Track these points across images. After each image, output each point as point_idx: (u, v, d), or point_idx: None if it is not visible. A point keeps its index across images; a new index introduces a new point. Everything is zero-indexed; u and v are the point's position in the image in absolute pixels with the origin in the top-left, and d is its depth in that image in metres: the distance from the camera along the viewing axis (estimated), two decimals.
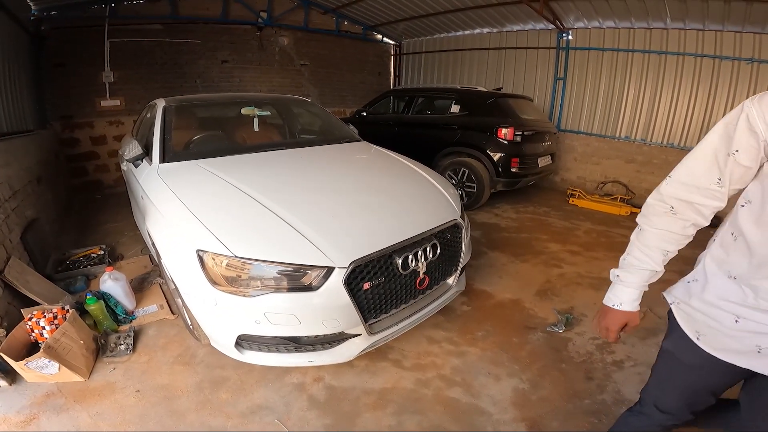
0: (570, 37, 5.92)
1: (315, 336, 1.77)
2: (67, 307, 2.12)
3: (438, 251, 2.00)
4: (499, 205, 5.13)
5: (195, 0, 5.91)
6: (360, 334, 1.82)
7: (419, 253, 1.90)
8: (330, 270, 1.66)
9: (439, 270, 2.11)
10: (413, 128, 5.36)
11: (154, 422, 1.71)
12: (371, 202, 2.15)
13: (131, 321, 2.38)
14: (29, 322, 1.99)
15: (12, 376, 1.90)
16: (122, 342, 2.17)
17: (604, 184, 5.81)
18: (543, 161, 5.04)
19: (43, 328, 1.98)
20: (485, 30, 6.95)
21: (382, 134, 5.02)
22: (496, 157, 4.55)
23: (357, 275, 1.71)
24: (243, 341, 1.76)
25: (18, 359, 1.81)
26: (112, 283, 2.38)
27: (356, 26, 7.94)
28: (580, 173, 6.18)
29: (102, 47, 5.22)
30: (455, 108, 4.96)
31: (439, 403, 1.86)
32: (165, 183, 2.16)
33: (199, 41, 6.06)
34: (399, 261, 1.81)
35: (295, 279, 1.66)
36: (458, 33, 7.39)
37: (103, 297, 2.33)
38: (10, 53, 3.64)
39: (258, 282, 1.65)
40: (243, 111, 3.29)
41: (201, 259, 1.67)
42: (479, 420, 1.78)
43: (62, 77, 5.05)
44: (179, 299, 2.03)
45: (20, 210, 2.84)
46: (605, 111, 5.83)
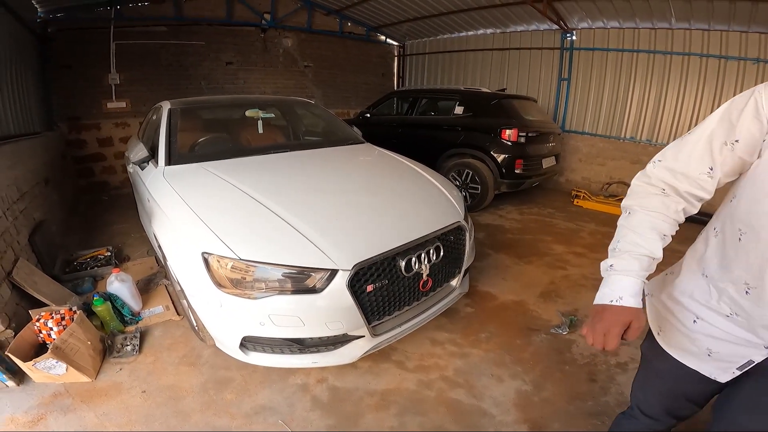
0: (574, 38, 5.90)
1: (319, 338, 1.78)
2: (75, 308, 2.14)
3: (441, 253, 2.00)
4: (503, 207, 5.12)
5: (199, 2, 5.95)
6: (363, 336, 1.83)
7: (422, 256, 1.91)
8: (334, 272, 1.67)
9: (443, 272, 2.11)
10: (417, 130, 5.36)
11: (160, 422, 1.73)
12: (375, 205, 2.17)
13: (137, 322, 2.40)
14: (37, 323, 2.01)
15: (20, 377, 1.92)
16: (128, 343, 2.19)
17: (609, 185, 5.78)
18: (547, 162, 5.03)
19: (51, 329, 1.99)
20: (489, 31, 6.94)
21: (386, 136, 5.03)
22: (500, 159, 4.54)
23: (360, 277, 1.72)
24: (247, 342, 1.77)
25: (26, 360, 1.82)
26: (119, 285, 2.40)
27: (359, 27, 7.95)
28: (585, 174, 6.16)
29: (108, 49, 5.26)
30: (459, 109, 4.95)
31: (442, 405, 1.87)
32: (171, 185, 2.18)
33: (204, 43, 6.10)
34: (402, 263, 1.82)
35: (299, 281, 1.67)
36: (462, 34, 7.38)
37: (110, 298, 2.35)
38: (17, 55, 3.68)
39: (262, 284, 1.66)
40: (247, 113, 3.31)
41: (206, 262, 1.69)
42: (481, 421, 1.78)
43: (69, 79, 5.09)
44: (185, 301, 2.05)
45: (28, 212, 2.87)
46: (610, 111, 5.80)
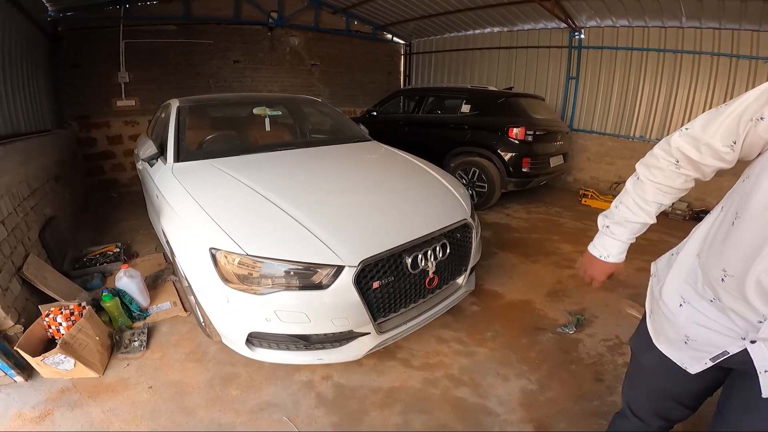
0: (582, 36, 5.85)
1: (324, 334, 1.78)
2: (84, 304, 2.16)
3: (447, 251, 1.99)
4: (510, 205, 5.09)
5: (207, 0, 5.98)
6: (369, 333, 1.83)
7: (429, 253, 1.90)
8: (340, 269, 1.67)
9: (449, 270, 2.10)
10: (423, 128, 5.35)
11: (165, 418, 1.74)
12: (381, 202, 2.16)
13: (145, 318, 2.42)
14: (46, 318, 2.03)
15: (28, 372, 1.94)
16: (136, 339, 2.21)
17: (618, 184, 5.72)
18: (555, 161, 4.99)
19: (60, 325, 2.01)
20: (496, 29, 6.90)
21: (392, 134, 5.02)
22: (507, 157, 4.51)
23: (367, 274, 1.72)
24: (254, 339, 1.78)
25: (35, 355, 1.84)
26: (128, 281, 2.42)
27: (366, 26, 7.96)
28: (594, 173, 6.10)
29: (117, 48, 5.32)
30: (466, 107, 4.93)
31: (447, 403, 1.86)
32: (179, 182, 2.19)
33: (212, 42, 6.14)
34: (408, 260, 1.82)
35: (306, 277, 1.67)
36: (468, 32, 7.35)
37: (119, 294, 2.38)
38: (29, 54, 3.72)
39: (269, 280, 1.67)
40: (255, 111, 3.33)
41: (214, 257, 1.70)
42: (486, 420, 1.77)
43: (79, 77, 5.16)
44: (192, 296, 2.06)
45: (39, 208, 2.91)
46: (619, 110, 5.74)
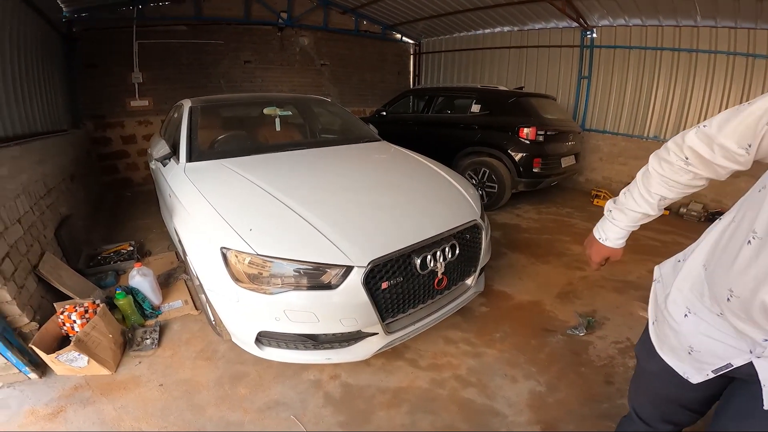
0: (594, 36, 5.77)
1: (333, 334, 1.79)
2: (98, 302, 2.19)
3: (457, 252, 1.99)
4: (521, 206, 5.05)
5: (218, 1, 6.04)
6: (377, 333, 1.83)
7: (438, 254, 1.89)
8: (349, 269, 1.67)
9: (458, 270, 2.10)
10: (433, 128, 5.33)
11: (175, 416, 1.76)
12: (391, 202, 2.16)
13: (157, 316, 2.45)
14: (61, 316, 2.06)
15: (42, 369, 1.97)
16: (148, 336, 2.24)
17: None
18: (566, 161, 4.93)
19: (75, 322, 2.04)
20: (506, 28, 6.84)
21: (402, 134, 5.01)
22: (518, 157, 4.48)
23: (376, 274, 1.72)
24: (263, 338, 1.80)
25: (49, 352, 1.86)
26: (141, 279, 2.45)
27: (375, 26, 7.96)
28: (606, 174, 6.01)
29: (131, 48, 5.40)
30: (476, 107, 4.90)
31: (454, 404, 1.86)
32: (191, 182, 2.22)
33: (222, 42, 6.19)
34: (417, 261, 1.81)
35: (315, 277, 1.68)
36: (478, 32, 7.30)
37: (132, 292, 2.41)
38: (45, 54, 3.79)
39: (278, 279, 1.68)
40: (265, 111, 3.35)
41: (225, 257, 1.71)
42: (493, 421, 1.77)
43: (94, 78, 5.24)
44: (203, 295, 2.08)
45: (54, 207, 2.96)
46: (633, 110, 5.65)
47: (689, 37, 4.93)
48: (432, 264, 1.86)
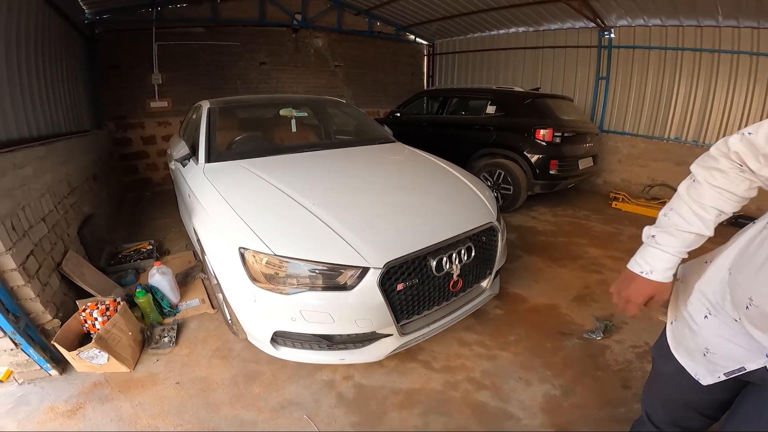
0: (612, 36, 5.68)
1: (348, 335, 1.79)
2: (119, 300, 2.23)
3: (473, 254, 1.97)
4: (536, 208, 4.99)
5: (234, 3, 6.11)
6: (391, 335, 1.82)
7: (454, 256, 1.88)
8: (365, 270, 1.67)
9: (473, 273, 2.08)
10: (447, 129, 5.30)
11: (190, 414, 1.78)
12: (406, 204, 2.16)
13: (175, 314, 2.49)
14: (83, 313, 2.10)
15: (63, 366, 2.01)
16: (166, 334, 2.28)
17: (651, 187, 5.51)
18: (584, 163, 4.85)
19: (96, 320, 2.08)
20: (521, 29, 6.79)
21: (416, 135, 5.01)
22: (534, 159, 4.42)
23: (391, 276, 1.72)
24: (278, 337, 1.81)
25: (70, 349, 1.90)
26: (160, 277, 2.49)
27: (389, 27, 7.97)
28: (625, 176, 5.91)
29: (150, 50, 5.51)
30: (491, 109, 4.86)
31: (467, 406, 1.84)
32: (210, 182, 2.24)
33: (238, 44, 6.28)
34: (433, 263, 1.81)
35: (331, 278, 1.69)
36: (493, 32, 7.26)
37: (151, 290, 2.45)
38: (68, 56, 3.88)
39: (294, 280, 1.69)
40: (281, 112, 3.38)
41: (242, 257, 1.73)
42: (507, 424, 1.75)
43: (115, 79, 5.36)
44: (220, 294, 2.11)
45: (78, 206, 3.04)
46: (653, 111, 5.54)
47: (711, 38, 4.83)
48: (447, 266, 1.86)
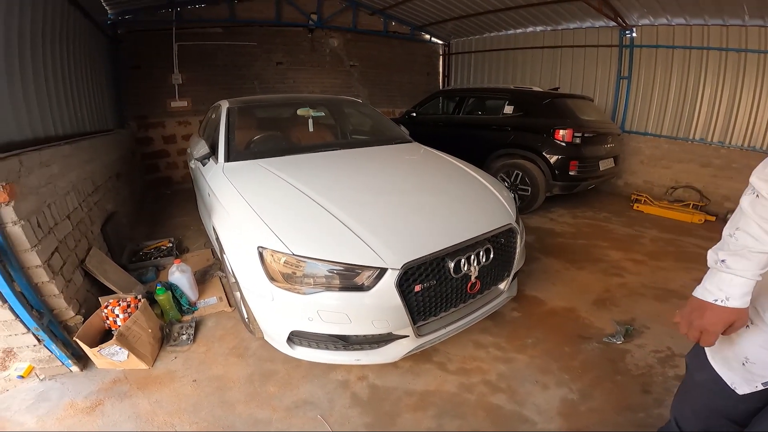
0: (634, 35, 5.54)
1: (364, 335, 1.79)
2: (139, 297, 2.27)
3: (491, 256, 1.95)
4: (555, 210, 4.90)
5: (250, 3, 6.19)
6: (408, 336, 1.81)
7: (472, 258, 1.86)
8: (383, 271, 1.66)
9: (491, 275, 2.05)
10: (464, 129, 5.26)
11: (206, 412, 1.79)
12: (424, 204, 2.14)
13: (194, 312, 2.52)
14: (105, 310, 2.13)
15: (84, 362, 2.05)
16: (184, 332, 2.30)
17: (675, 189, 5.37)
18: (605, 164, 4.75)
19: (117, 316, 2.10)
20: (539, 28, 6.68)
21: (432, 135, 4.95)
22: (553, 160, 4.35)
23: (409, 277, 1.70)
24: (295, 337, 1.81)
25: (92, 346, 1.93)
26: (180, 275, 2.53)
27: (404, 27, 7.94)
28: (647, 177, 5.75)
29: (170, 50, 5.62)
30: (508, 108, 4.80)
31: (482, 409, 1.82)
32: (230, 181, 2.26)
33: (256, 44, 6.35)
34: (451, 264, 1.79)
35: (348, 278, 1.68)
36: (510, 32, 7.16)
37: (171, 288, 2.49)
38: (93, 56, 3.96)
39: (311, 279, 1.69)
40: (299, 112, 3.40)
41: (261, 256, 1.74)
42: (522, 428, 1.72)
43: (137, 79, 5.48)
44: (238, 293, 2.12)
45: (101, 203, 3.10)
46: (676, 111, 5.38)
47: (737, 37, 4.68)
48: (466, 268, 1.84)
